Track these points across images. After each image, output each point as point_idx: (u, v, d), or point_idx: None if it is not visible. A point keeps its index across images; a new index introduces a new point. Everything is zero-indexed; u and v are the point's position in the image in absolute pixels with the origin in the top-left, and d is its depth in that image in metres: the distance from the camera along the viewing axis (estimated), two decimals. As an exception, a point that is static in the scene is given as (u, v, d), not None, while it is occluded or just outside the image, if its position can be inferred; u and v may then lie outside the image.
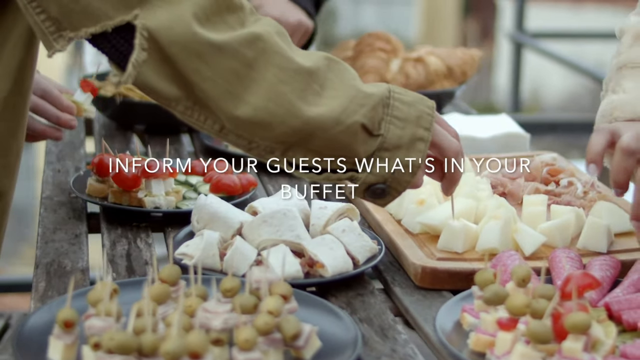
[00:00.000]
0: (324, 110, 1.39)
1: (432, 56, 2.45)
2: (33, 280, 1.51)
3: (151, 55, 1.34)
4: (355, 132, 1.40)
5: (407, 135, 1.43)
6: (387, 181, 1.44)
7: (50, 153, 2.11)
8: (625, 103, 1.54)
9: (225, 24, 1.38)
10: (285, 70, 1.38)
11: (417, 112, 1.44)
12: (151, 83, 1.35)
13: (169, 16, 1.33)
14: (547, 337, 1.21)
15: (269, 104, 1.37)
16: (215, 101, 1.37)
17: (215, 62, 1.36)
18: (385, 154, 1.43)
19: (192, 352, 1.16)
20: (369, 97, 1.42)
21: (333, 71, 1.43)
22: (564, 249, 1.50)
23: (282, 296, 1.30)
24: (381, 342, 1.35)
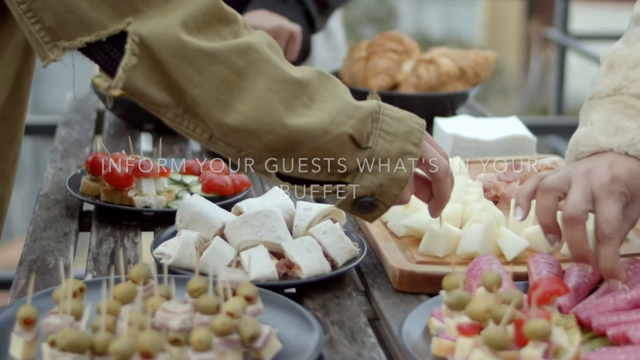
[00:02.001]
0: (313, 120, 1.40)
1: (444, 57, 2.43)
2: (14, 277, 1.52)
3: (142, 60, 1.35)
4: (343, 142, 1.41)
5: (396, 149, 1.43)
6: (374, 194, 1.44)
7: (56, 151, 2.14)
8: (589, 137, 1.50)
9: (218, 35, 1.39)
10: (275, 80, 1.39)
11: (407, 128, 1.45)
12: (141, 88, 1.37)
13: (161, 24, 1.35)
14: (505, 343, 1.19)
15: (257, 113, 1.38)
16: (205, 108, 1.38)
17: (206, 69, 1.37)
18: (374, 166, 1.43)
19: (143, 351, 1.17)
20: (358, 110, 1.42)
21: (323, 84, 1.44)
22: (543, 254, 1.47)
23: (247, 297, 1.30)
24: (348, 345, 1.35)
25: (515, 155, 2.08)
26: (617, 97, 1.51)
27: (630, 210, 1.42)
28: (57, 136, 2.26)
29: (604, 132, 1.48)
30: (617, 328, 1.29)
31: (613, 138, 1.47)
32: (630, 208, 1.42)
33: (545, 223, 1.44)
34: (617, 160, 1.44)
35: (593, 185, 1.41)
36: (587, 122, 1.52)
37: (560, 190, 1.43)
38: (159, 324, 1.25)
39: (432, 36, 13.17)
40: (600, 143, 1.47)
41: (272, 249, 1.54)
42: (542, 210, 1.44)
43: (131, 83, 1.35)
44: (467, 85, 2.44)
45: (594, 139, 1.48)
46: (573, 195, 1.40)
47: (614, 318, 1.32)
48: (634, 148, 1.45)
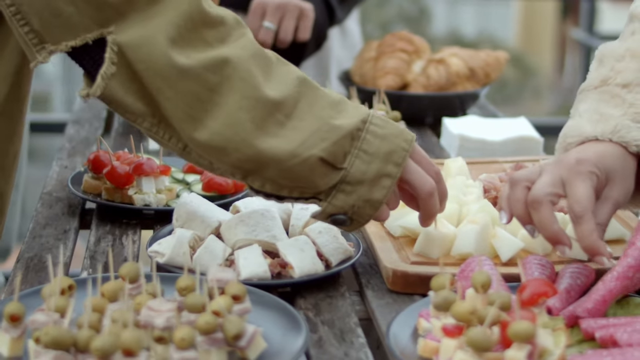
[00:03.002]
0: (281, 143, 1.39)
1: (454, 57, 2.42)
2: (11, 274, 1.53)
3: (120, 70, 1.36)
4: (312, 165, 1.40)
5: (373, 170, 1.42)
6: (347, 213, 1.44)
7: (63, 149, 2.15)
8: (576, 127, 1.49)
9: (202, 41, 1.38)
10: (247, 98, 1.38)
11: (390, 147, 1.42)
12: (118, 97, 1.37)
13: (141, 34, 1.35)
14: (487, 344, 1.18)
15: (225, 130, 1.38)
16: (176, 121, 1.38)
17: (177, 84, 1.37)
18: (347, 187, 1.42)
19: (125, 349, 1.17)
20: (334, 131, 1.40)
21: (304, 100, 1.42)
22: (536, 256, 1.47)
23: (235, 297, 1.30)
24: (337, 345, 1.34)
25: (523, 156, 2.06)
26: (604, 88, 1.51)
27: (609, 190, 1.43)
28: (66, 134, 2.28)
29: (589, 121, 1.49)
30: (606, 330, 1.28)
31: (597, 126, 1.47)
32: (609, 188, 1.43)
33: (517, 214, 1.44)
34: (589, 145, 1.45)
35: (561, 170, 1.42)
36: (576, 115, 1.52)
37: (529, 180, 1.44)
38: (144, 322, 1.25)
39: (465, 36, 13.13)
40: (585, 132, 1.47)
41: (267, 248, 1.54)
42: (512, 202, 1.44)
43: (109, 91, 1.36)
44: (477, 85, 2.44)
45: (580, 128, 1.48)
46: (538, 180, 1.42)
47: (602, 321, 1.31)
48: (618, 135, 1.45)
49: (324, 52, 2.82)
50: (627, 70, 1.52)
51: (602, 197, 1.43)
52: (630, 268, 1.36)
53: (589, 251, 1.39)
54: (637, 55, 1.53)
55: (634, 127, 1.47)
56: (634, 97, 1.50)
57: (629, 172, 1.46)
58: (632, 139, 1.46)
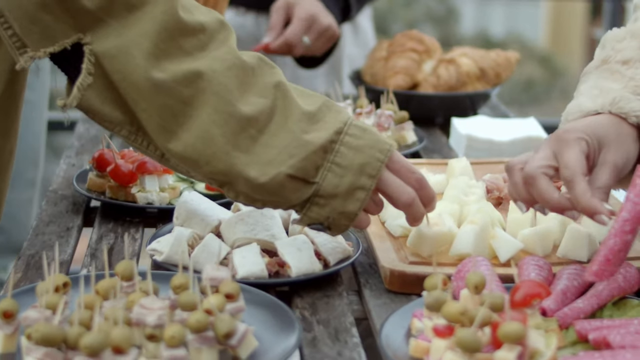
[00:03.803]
0: (251, 160, 1.39)
1: (464, 57, 2.41)
2: (11, 271, 1.54)
3: (96, 80, 1.37)
4: (280, 182, 1.40)
5: (345, 184, 1.41)
6: (323, 224, 1.45)
7: (72, 147, 2.17)
8: (576, 106, 1.50)
9: (180, 50, 1.39)
10: (220, 113, 1.38)
11: (364, 159, 1.42)
12: (95, 107, 1.39)
13: (117, 44, 1.36)
14: (476, 345, 1.18)
15: (198, 143, 1.39)
16: (152, 132, 1.40)
17: (151, 97, 1.38)
18: (320, 200, 1.42)
19: (114, 347, 1.18)
20: (304, 146, 1.40)
21: (279, 113, 1.42)
22: (534, 257, 1.46)
23: (229, 295, 1.30)
24: (330, 344, 1.34)
25: (529, 156, 2.05)
26: (604, 67, 1.52)
27: (605, 154, 1.42)
28: (75, 132, 2.29)
29: (589, 97, 1.49)
30: (599, 332, 1.27)
31: (597, 100, 1.47)
32: (604, 153, 1.42)
33: (521, 198, 1.45)
34: (584, 119, 1.46)
35: (551, 143, 1.42)
36: (577, 96, 1.53)
37: (522, 162, 1.44)
38: (135, 319, 1.25)
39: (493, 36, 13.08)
40: (586, 108, 1.48)
41: (266, 247, 1.54)
42: (512, 187, 1.45)
43: (85, 102, 1.38)
44: (487, 85, 2.43)
45: (580, 105, 1.49)
46: (530, 158, 1.43)
47: (596, 322, 1.30)
48: (617, 106, 1.45)
49: (336, 50, 2.83)
50: (627, 49, 1.53)
51: (598, 162, 1.42)
52: (626, 222, 1.35)
53: (587, 212, 1.38)
54: (637, 35, 1.53)
55: (633, 98, 1.46)
56: (634, 72, 1.50)
57: (626, 138, 1.45)
58: (631, 109, 1.46)
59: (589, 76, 1.53)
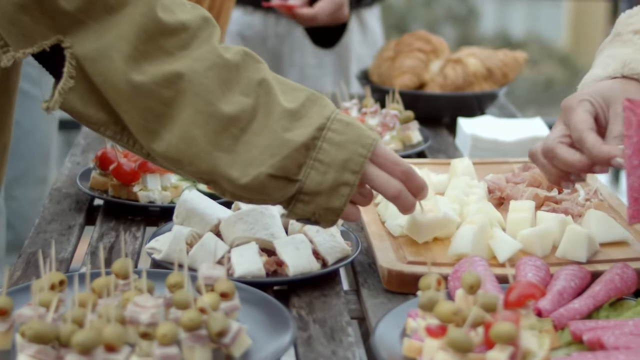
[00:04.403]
0: (232, 160, 1.40)
1: (471, 57, 2.41)
2: (12, 269, 1.55)
3: (78, 83, 1.38)
4: (262, 182, 1.40)
5: (329, 180, 1.41)
6: (311, 219, 1.45)
7: (78, 146, 2.17)
8: (589, 76, 1.52)
9: (161, 51, 1.39)
10: (201, 113, 1.38)
11: (346, 155, 1.41)
12: (78, 109, 1.40)
13: (97, 47, 1.37)
14: (467, 345, 1.18)
15: (180, 144, 1.39)
16: (135, 132, 1.41)
17: (132, 100, 1.38)
18: (305, 197, 1.42)
19: (106, 344, 1.18)
20: (285, 145, 1.40)
21: (261, 111, 1.42)
22: (531, 257, 1.45)
23: (224, 294, 1.30)
24: (325, 343, 1.34)
25: (534, 156, 2.05)
26: (616, 39, 1.53)
27: (615, 109, 1.43)
28: (82, 130, 2.30)
29: (601, 66, 1.50)
30: (593, 333, 1.27)
31: (608, 67, 1.48)
32: (614, 107, 1.44)
33: (551, 179, 1.48)
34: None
35: (561, 117, 1.46)
36: (591, 68, 1.55)
37: (541, 145, 1.48)
38: (129, 317, 1.26)
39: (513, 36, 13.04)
40: (598, 76, 1.49)
41: (265, 246, 1.55)
42: (542, 171, 1.49)
43: (68, 104, 1.40)
44: (494, 85, 2.42)
45: (592, 75, 1.51)
46: (546, 137, 1.46)
47: (591, 323, 1.30)
48: (628, 67, 1.46)
49: (344, 49, 2.83)
50: (639, 22, 1.54)
51: (610, 116, 1.43)
52: (631, 157, 1.35)
53: (603, 160, 1.39)
54: None
55: None
56: None
57: (633, 94, 1.45)
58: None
59: (602, 50, 1.54)
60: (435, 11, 13.00)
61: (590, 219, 1.59)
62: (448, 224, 1.56)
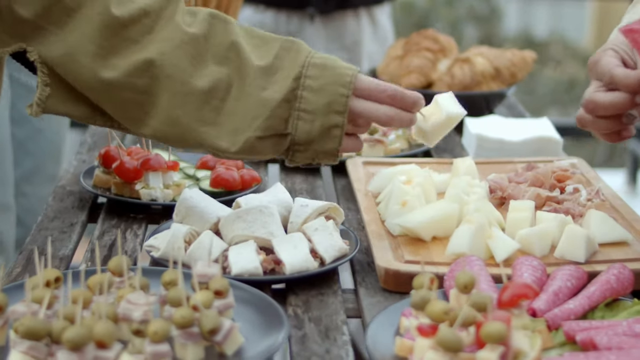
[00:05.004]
0: (218, 132, 1.42)
1: (479, 57, 2.40)
2: (11, 266, 1.56)
3: (54, 87, 1.42)
4: (252, 145, 1.42)
5: (317, 127, 1.43)
6: (312, 162, 1.48)
7: (84, 143, 2.18)
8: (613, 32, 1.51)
9: (126, 41, 1.41)
10: (178, 94, 1.41)
11: (328, 98, 1.42)
12: (60, 110, 1.45)
13: (63, 51, 1.39)
14: (456, 345, 1.18)
15: (165, 127, 1.42)
16: (122, 121, 1.45)
17: (108, 95, 1.42)
18: (300, 147, 1.45)
19: (97, 341, 1.19)
20: (265, 105, 1.42)
21: (237, 76, 1.43)
22: (528, 257, 1.45)
23: (218, 292, 1.31)
24: (319, 342, 1.35)
25: (540, 156, 2.04)
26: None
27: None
28: (90, 129, 2.30)
29: (623, 23, 1.50)
30: (586, 333, 1.26)
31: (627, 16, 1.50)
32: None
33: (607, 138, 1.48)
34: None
35: (590, 76, 1.46)
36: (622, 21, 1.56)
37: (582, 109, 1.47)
38: (122, 315, 1.27)
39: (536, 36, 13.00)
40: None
41: (263, 245, 1.55)
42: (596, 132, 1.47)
43: (49, 109, 1.44)
44: (502, 85, 2.41)
45: (614, 32, 1.50)
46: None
47: (585, 324, 1.29)
48: None
49: (355, 46, 2.84)
50: None
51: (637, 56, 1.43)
52: None
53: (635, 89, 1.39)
54: None
55: None
56: None
57: None
58: None
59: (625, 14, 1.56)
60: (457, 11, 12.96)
61: (591, 219, 1.59)
62: (454, 121, 1.54)
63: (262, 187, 1.87)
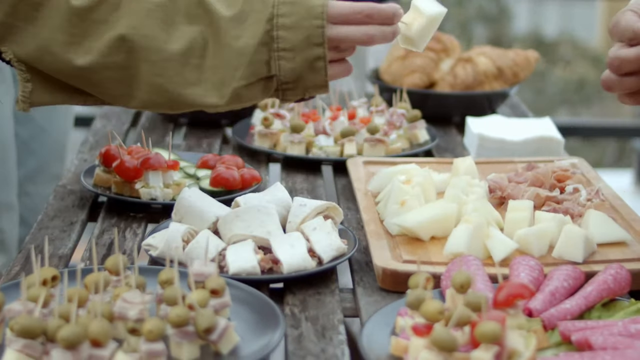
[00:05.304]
0: (204, 89, 1.44)
1: (482, 57, 2.40)
2: (10, 264, 1.56)
3: (36, 81, 1.44)
4: (240, 94, 1.44)
5: (300, 63, 1.43)
6: (304, 96, 1.48)
7: (86, 143, 2.19)
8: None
9: (95, 23, 1.43)
10: (156, 63, 1.42)
11: (304, 33, 1.43)
12: (47, 101, 1.47)
13: (36, 45, 1.41)
14: (450, 345, 1.17)
15: (151, 97, 1.44)
16: (110, 100, 1.47)
17: (89, 78, 1.43)
18: (288, 85, 1.45)
19: (92, 339, 1.19)
20: (243, 53, 1.43)
21: (209, 31, 1.44)
22: (525, 257, 1.45)
23: (214, 291, 1.31)
24: (315, 341, 1.35)
25: (541, 156, 2.04)
26: None
27: None
28: (92, 128, 2.31)
29: None
30: (582, 333, 1.26)
31: None
32: None
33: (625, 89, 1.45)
34: None
35: (611, 39, 1.44)
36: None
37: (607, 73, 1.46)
38: (118, 313, 1.27)
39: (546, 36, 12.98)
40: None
41: (262, 244, 1.55)
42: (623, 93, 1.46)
43: (36, 103, 1.46)
44: (505, 85, 2.41)
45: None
46: None
47: (580, 324, 1.29)
48: None
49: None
50: None
51: None
52: None
53: None
54: None
55: None
56: None
57: None
58: None
59: None
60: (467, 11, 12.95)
61: (589, 219, 1.58)
62: (437, 20, 1.50)
63: (263, 187, 1.87)
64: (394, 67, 2.47)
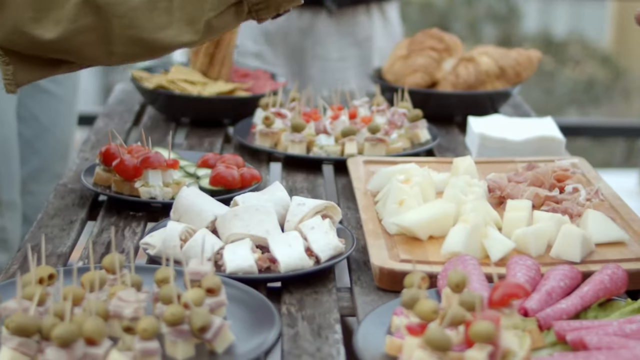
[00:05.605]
0: (177, 29, 1.45)
1: (484, 56, 2.40)
2: (9, 263, 1.57)
3: (15, 63, 1.45)
4: (214, 25, 1.46)
5: None
6: (279, 11, 1.50)
7: (87, 142, 2.19)
8: None
9: None
10: (124, 15, 1.43)
11: None
12: (34, 78, 1.47)
13: (7, 28, 1.42)
14: (444, 344, 1.17)
15: (129, 49, 1.46)
16: (96, 62, 1.49)
17: (68, 47, 1.44)
18: (259, 6, 1.48)
19: (87, 338, 1.19)
20: None
21: None
22: (522, 257, 1.45)
23: (210, 290, 1.31)
24: (311, 340, 1.35)
25: (542, 156, 2.04)
26: None
27: None
28: (94, 127, 2.31)
29: None
30: (577, 333, 1.26)
31: None
32: None
33: None
34: None
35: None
36: None
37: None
38: (113, 312, 1.27)
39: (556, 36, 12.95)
40: None
41: (260, 243, 1.55)
42: None
43: (23, 83, 1.46)
44: (507, 84, 2.41)
45: None
46: None
47: (575, 324, 1.29)
48: None
49: (366, 42, 2.84)
50: None
51: None
52: None
53: None
54: None
55: None
56: None
57: None
58: None
59: None
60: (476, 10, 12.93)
61: (588, 218, 1.58)
62: None
63: (262, 186, 1.87)
64: (396, 66, 2.47)
